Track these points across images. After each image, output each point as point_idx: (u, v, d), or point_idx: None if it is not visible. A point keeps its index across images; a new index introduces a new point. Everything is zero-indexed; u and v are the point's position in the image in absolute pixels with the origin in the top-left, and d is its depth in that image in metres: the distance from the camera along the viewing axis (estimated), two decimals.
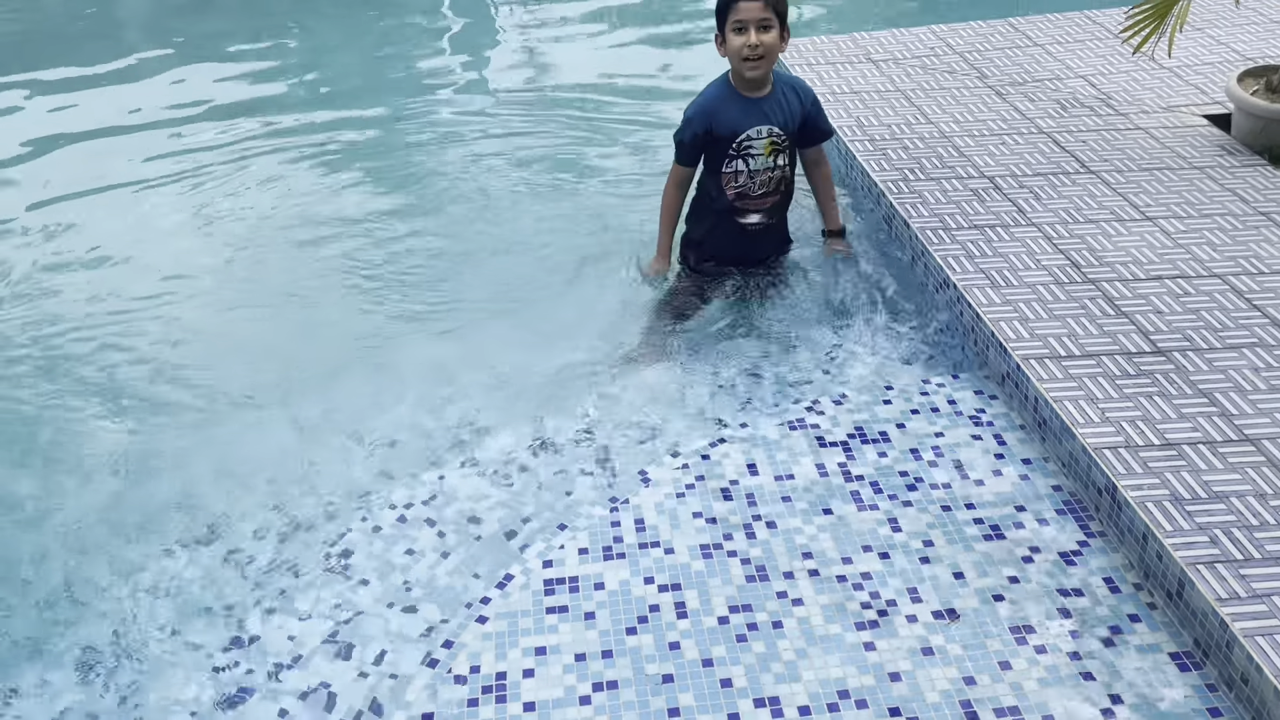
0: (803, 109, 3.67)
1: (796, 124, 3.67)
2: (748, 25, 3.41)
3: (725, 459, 3.11)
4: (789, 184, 3.77)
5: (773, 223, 3.83)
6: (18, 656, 2.61)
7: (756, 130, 3.60)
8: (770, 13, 3.41)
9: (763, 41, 3.42)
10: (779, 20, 3.45)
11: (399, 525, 2.94)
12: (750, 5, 3.40)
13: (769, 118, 3.61)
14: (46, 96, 6.07)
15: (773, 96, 3.62)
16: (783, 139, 3.64)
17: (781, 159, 3.68)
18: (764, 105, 3.61)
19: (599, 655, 2.49)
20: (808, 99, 3.69)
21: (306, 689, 2.46)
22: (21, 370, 3.72)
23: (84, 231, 4.64)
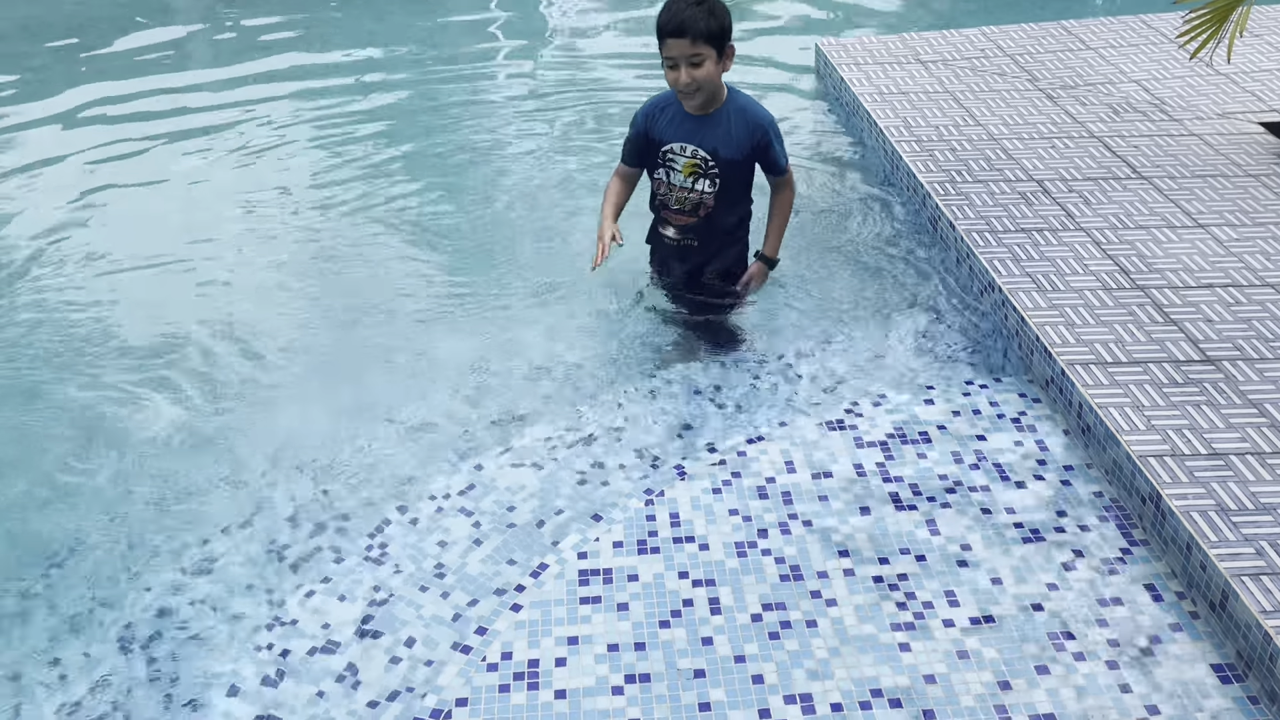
0: (750, 141, 3.39)
1: (738, 153, 3.40)
2: (678, 62, 3.19)
3: (762, 456, 3.10)
4: (711, 213, 3.50)
5: (692, 244, 3.59)
6: (62, 628, 2.67)
7: (681, 147, 3.41)
8: (701, 46, 3.15)
9: (694, 77, 3.20)
10: (715, 47, 3.18)
11: (436, 514, 2.97)
12: (677, 42, 3.15)
13: (700, 139, 3.38)
14: (96, 80, 6.19)
15: (714, 119, 3.37)
16: (709, 164, 3.40)
17: (703, 184, 3.43)
18: (701, 125, 3.39)
19: (631, 647, 2.49)
20: (758, 133, 3.39)
21: (341, 671, 2.49)
22: (69, 349, 3.79)
23: (132, 213, 4.72)
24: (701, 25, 3.12)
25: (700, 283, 3.70)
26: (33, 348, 3.81)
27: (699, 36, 3.12)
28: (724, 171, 3.41)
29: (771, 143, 3.41)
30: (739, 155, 3.40)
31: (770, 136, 3.40)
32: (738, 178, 3.46)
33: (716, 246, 3.60)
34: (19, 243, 4.52)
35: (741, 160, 3.41)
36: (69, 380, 3.62)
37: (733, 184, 3.46)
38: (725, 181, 3.43)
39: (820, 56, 5.74)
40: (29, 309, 4.04)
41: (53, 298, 4.12)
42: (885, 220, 4.40)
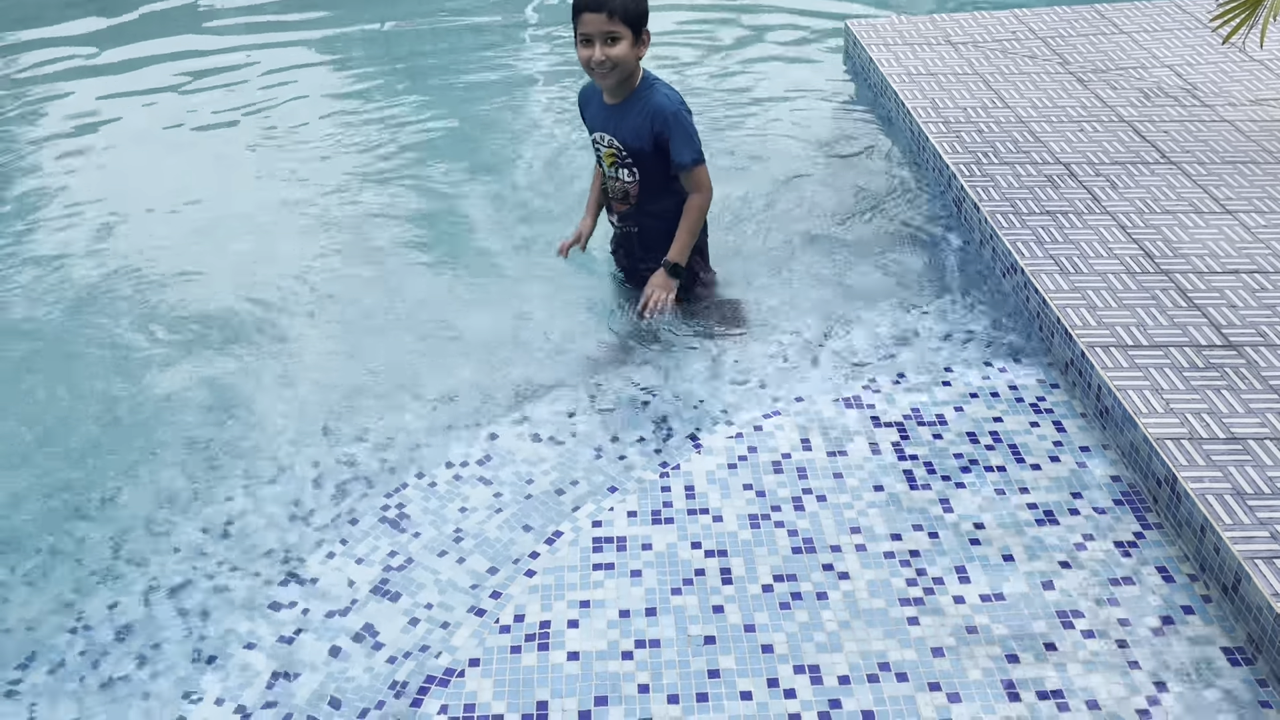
0: (651, 130, 3.23)
1: (645, 144, 3.27)
2: (593, 39, 3.08)
3: (778, 432, 3.12)
4: (638, 201, 3.42)
5: (632, 230, 3.52)
6: (90, 581, 2.73)
7: (600, 136, 3.37)
8: (618, 24, 3.05)
9: (609, 55, 3.09)
10: (631, 29, 3.08)
11: (454, 482, 3.01)
12: (594, 17, 3.06)
13: (614, 128, 3.31)
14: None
15: (625, 107, 3.27)
16: (623, 154, 3.31)
17: (624, 174, 3.36)
18: (614, 113, 3.30)
19: (643, 613, 2.52)
20: (658, 120, 3.21)
21: (359, 630, 2.54)
22: (101, 312, 3.85)
23: (168, 185, 4.78)
24: (618, 4, 3.03)
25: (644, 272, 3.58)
26: (68, 310, 3.88)
27: (615, 13, 3.04)
28: (637, 161, 3.30)
29: (673, 132, 3.20)
30: (645, 145, 3.26)
31: (670, 126, 3.20)
32: (653, 168, 3.31)
33: (655, 234, 3.45)
34: (54, 205, 4.59)
35: (650, 150, 3.26)
36: (101, 341, 3.69)
37: (651, 173, 3.33)
38: (642, 171, 3.32)
39: (849, 36, 5.71)
40: (64, 271, 4.11)
41: (86, 261, 4.19)
42: (909, 200, 4.39)
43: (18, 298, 3.98)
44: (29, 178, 4.90)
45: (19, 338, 3.75)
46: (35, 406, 3.40)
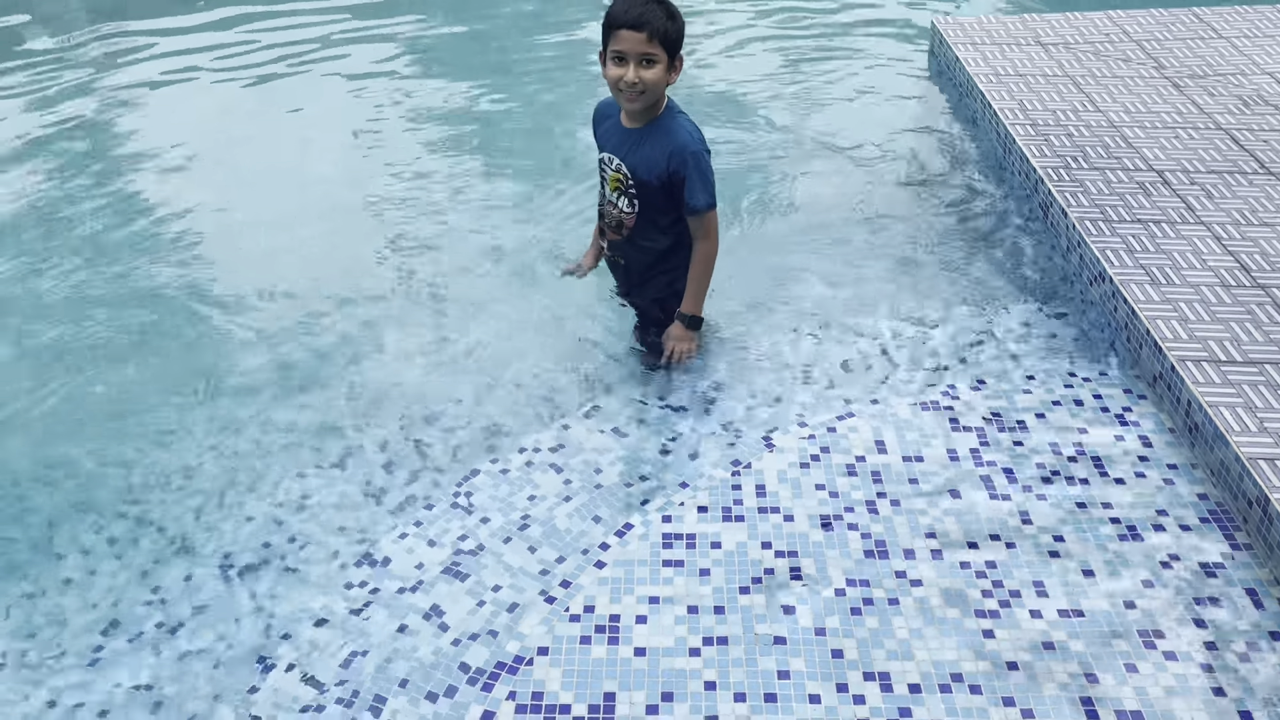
0: (666, 167, 2.96)
1: (653, 177, 3.00)
2: (627, 58, 2.83)
3: (853, 433, 3.07)
4: (631, 233, 3.14)
5: (619, 261, 3.27)
6: (166, 553, 2.80)
7: (609, 158, 3.09)
8: (656, 46, 2.81)
9: (642, 78, 2.84)
10: (668, 53, 2.86)
11: (525, 469, 3.02)
12: (633, 35, 2.80)
13: (625, 153, 3.04)
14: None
15: (643, 134, 3.00)
16: (628, 182, 3.05)
17: (625, 202, 3.09)
18: (628, 139, 3.03)
19: (711, 610, 2.51)
20: (676, 157, 2.95)
21: (427, 610, 2.56)
22: (175, 292, 3.94)
23: (255, 166, 4.87)
24: (660, 24, 2.81)
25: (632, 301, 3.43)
26: (157, 288, 3.97)
27: (656, 35, 2.80)
28: (640, 194, 3.05)
29: (690, 174, 2.96)
30: (654, 179, 3.00)
31: (689, 167, 2.95)
32: (656, 203, 3.05)
33: (642, 271, 3.23)
34: (134, 185, 4.71)
35: (657, 185, 3.00)
36: (183, 322, 3.77)
37: (651, 208, 3.07)
38: (643, 205, 3.07)
39: (935, 34, 5.61)
40: (143, 255, 4.21)
41: (163, 243, 4.28)
42: (993, 204, 4.30)
43: (107, 276, 4.08)
44: (127, 163, 5.03)
45: (113, 313, 3.85)
46: (123, 381, 3.48)
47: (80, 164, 4.91)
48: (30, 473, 3.08)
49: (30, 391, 3.42)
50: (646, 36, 2.80)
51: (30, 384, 3.46)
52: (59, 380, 3.47)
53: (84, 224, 4.41)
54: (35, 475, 3.07)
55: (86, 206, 4.55)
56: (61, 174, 4.81)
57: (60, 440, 3.21)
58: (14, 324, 3.78)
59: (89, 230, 4.36)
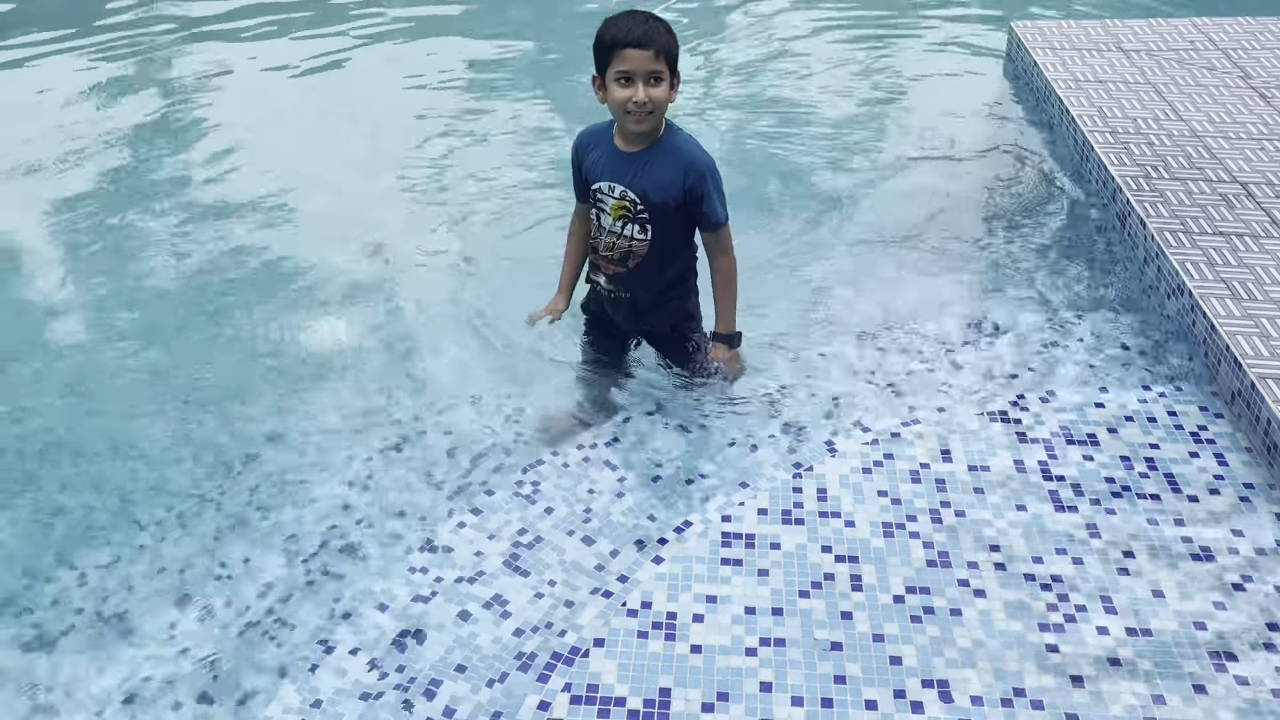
0: (683, 185, 2.86)
1: (669, 198, 2.88)
2: (635, 78, 2.74)
3: (918, 440, 3.03)
4: (641, 264, 2.99)
5: (623, 296, 3.08)
6: (227, 532, 2.85)
7: (610, 186, 2.93)
8: (662, 63, 2.73)
9: (651, 97, 2.75)
10: (670, 69, 2.78)
11: (584, 463, 3.03)
12: (639, 54, 2.71)
13: (629, 179, 2.89)
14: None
15: (645, 157, 2.88)
16: (637, 208, 2.90)
17: (633, 230, 2.93)
18: (632, 163, 2.89)
19: (769, 612, 2.49)
20: (692, 174, 2.85)
21: (488, 599, 2.58)
22: (247, 277, 4.02)
23: (329, 155, 4.96)
24: (664, 41, 2.74)
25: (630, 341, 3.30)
26: (218, 276, 4.06)
27: (662, 52, 2.73)
28: (654, 218, 2.91)
29: (708, 189, 2.87)
30: (670, 200, 2.88)
31: (707, 182, 2.87)
32: (672, 227, 2.94)
33: (650, 303, 3.08)
34: (202, 170, 4.81)
35: (675, 206, 2.90)
36: (246, 307, 3.83)
37: (667, 233, 2.94)
38: (658, 229, 2.93)
39: (1013, 38, 5.52)
40: (220, 231, 4.31)
41: (234, 227, 4.37)
42: (1069, 212, 4.21)
43: (175, 262, 4.18)
44: (204, 140, 5.14)
45: (188, 296, 3.94)
46: (196, 358, 3.56)
47: (157, 141, 5.04)
48: (110, 447, 3.17)
49: (112, 366, 3.52)
50: (653, 54, 2.72)
51: (112, 359, 3.56)
52: (139, 357, 3.57)
53: (163, 206, 4.52)
54: (115, 449, 3.16)
55: (164, 191, 4.66)
56: (140, 150, 4.94)
57: (137, 416, 3.29)
58: (97, 302, 3.89)
59: (167, 211, 4.47)
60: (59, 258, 4.18)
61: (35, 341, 3.66)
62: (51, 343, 3.66)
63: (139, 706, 2.37)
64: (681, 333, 3.19)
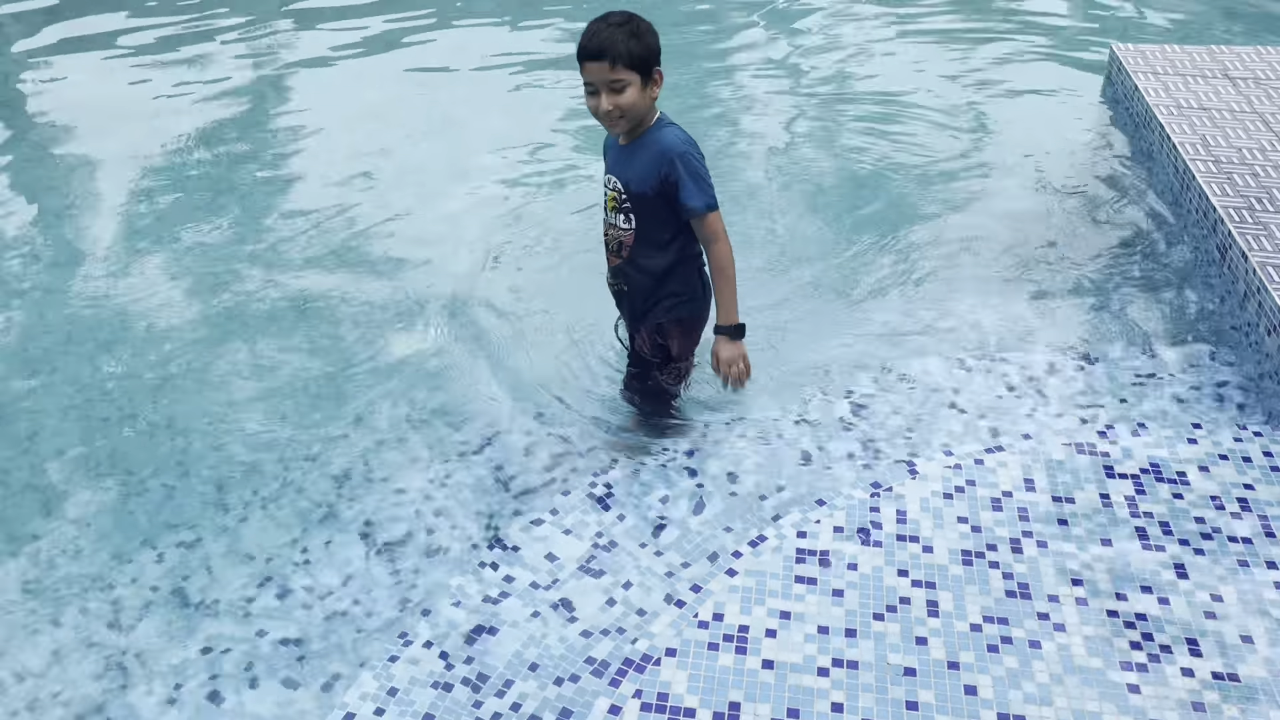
0: (657, 173, 2.85)
1: (646, 187, 2.88)
2: (597, 88, 2.78)
3: (1001, 468, 2.98)
4: (631, 254, 2.99)
5: (622, 289, 3.10)
6: (311, 518, 2.92)
7: (608, 178, 2.99)
8: (622, 71, 2.73)
9: (617, 104, 2.77)
10: (638, 72, 2.76)
11: (660, 469, 3.03)
12: (595, 65, 2.74)
13: (619, 169, 2.94)
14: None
15: (635, 148, 2.91)
16: (622, 198, 2.94)
17: (622, 220, 2.96)
18: (624, 154, 2.94)
19: (842, 632, 2.47)
20: (663, 164, 2.84)
21: (558, 601, 2.60)
22: (335, 270, 4.10)
23: (415, 156, 5.05)
24: (623, 48, 2.72)
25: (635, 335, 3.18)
26: (311, 270, 4.15)
27: (619, 60, 2.73)
28: (636, 207, 2.93)
29: (680, 176, 2.83)
30: (648, 189, 2.89)
31: (678, 168, 2.83)
32: (653, 215, 2.93)
33: (645, 295, 3.06)
34: (306, 156, 4.93)
35: (652, 195, 2.89)
36: (336, 301, 3.91)
37: (648, 222, 2.95)
38: (640, 219, 2.95)
39: (1113, 61, 5.39)
40: (310, 229, 4.41)
41: (328, 223, 4.47)
42: (1166, 241, 4.11)
43: (270, 254, 4.29)
44: (297, 133, 5.28)
45: (280, 289, 4.05)
46: (282, 352, 3.65)
47: (252, 135, 5.18)
48: (199, 429, 3.26)
49: (205, 352, 3.63)
50: (609, 64, 2.73)
51: (206, 346, 3.67)
52: (231, 345, 3.67)
53: (256, 197, 4.65)
54: (203, 431, 3.25)
55: (259, 183, 4.79)
56: (236, 141, 5.08)
57: (228, 403, 3.38)
58: (195, 290, 4.01)
59: (261, 203, 4.59)
60: (156, 245, 4.31)
61: (133, 326, 3.78)
62: (149, 327, 3.78)
63: (220, 683, 2.44)
64: (664, 333, 3.07)
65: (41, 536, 2.87)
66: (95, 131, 5.26)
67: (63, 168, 4.97)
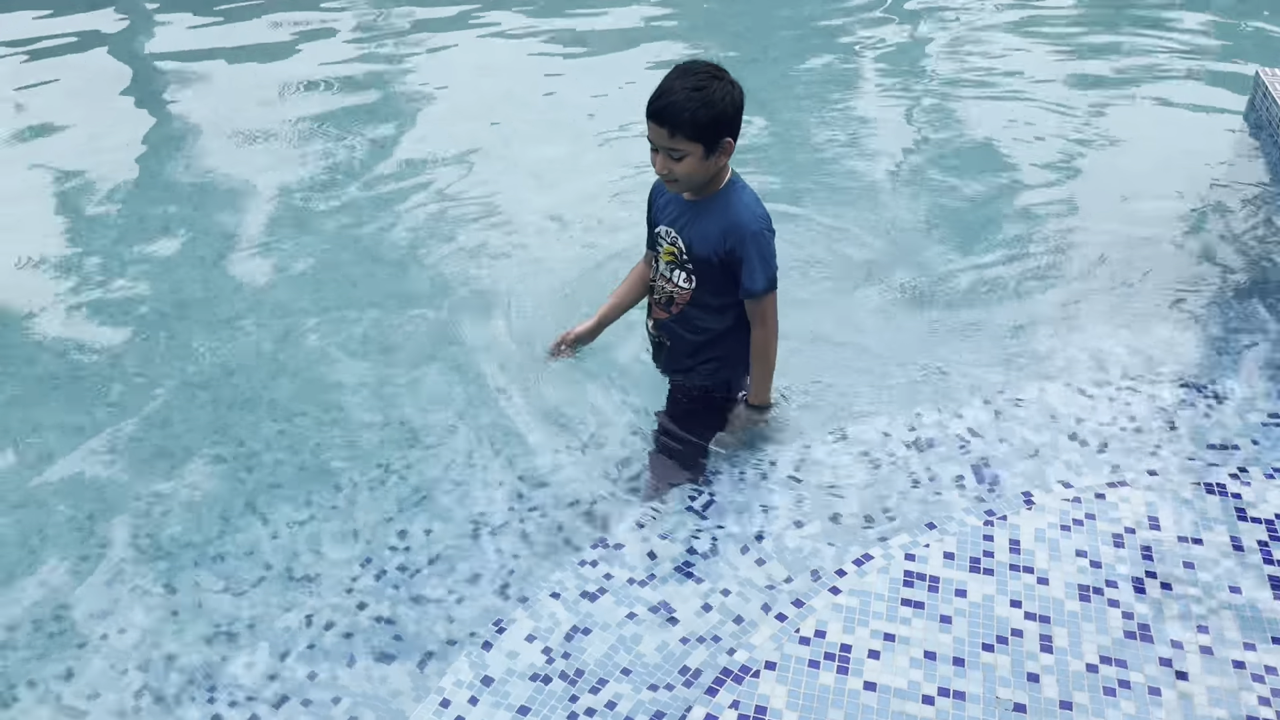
0: (723, 244, 2.74)
1: (710, 253, 2.77)
2: (656, 147, 2.64)
3: (1123, 503, 2.85)
4: (683, 312, 2.91)
5: (664, 342, 3.03)
6: (415, 503, 2.94)
7: (667, 230, 2.86)
8: (681, 141, 2.56)
9: (671, 170, 2.62)
10: (703, 142, 2.58)
11: (762, 481, 2.98)
12: (655, 129, 2.58)
13: (682, 226, 2.81)
14: None
15: (703, 207, 2.77)
16: (684, 257, 2.83)
17: (680, 276, 2.86)
18: (688, 210, 2.80)
19: (949, 660, 2.38)
20: (733, 236, 2.71)
21: (656, 604, 2.57)
22: (448, 261, 4.14)
23: (536, 154, 5.09)
24: (686, 117, 2.53)
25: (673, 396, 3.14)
26: (431, 258, 4.21)
27: (680, 130, 2.54)
28: (698, 269, 2.82)
29: (748, 255, 2.72)
30: (712, 255, 2.77)
31: (748, 247, 2.71)
32: (714, 282, 2.83)
33: (688, 355, 2.99)
34: (423, 143, 5.00)
35: (716, 263, 2.78)
36: (454, 289, 3.96)
37: (709, 286, 2.84)
38: (701, 281, 2.84)
39: (1258, 86, 5.15)
40: (424, 224, 4.47)
41: (448, 212, 4.52)
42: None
43: (387, 240, 4.36)
44: (423, 123, 5.37)
45: (396, 276, 4.11)
46: (392, 336, 3.70)
47: (374, 121, 5.29)
48: (310, 408, 3.33)
49: (318, 332, 3.70)
50: (668, 132, 2.56)
51: (319, 325, 3.74)
52: (342, 327, 3.73)
53: (376, 187, 4.73)
54: (314, 411, 3.31)
55: (377, 172, 4.88)
56: (359, 128, 5.19)
57: (338, 383, 3.44)
58: (313, 272, 4.10)
59: (379, 193, 4.68)
60: (276, 226, 4.43)
61: (251, 302, 3.88)
62: (266, 304, 3.87)
63: (317, 657, 2.47)
64: (709, 398, 3.03)
65: (161, 499, 2.95)
66: (216, 106, 5.44)
67: (188, 141, 5.14)
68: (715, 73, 2.58)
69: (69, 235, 4.37)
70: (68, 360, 3.58)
